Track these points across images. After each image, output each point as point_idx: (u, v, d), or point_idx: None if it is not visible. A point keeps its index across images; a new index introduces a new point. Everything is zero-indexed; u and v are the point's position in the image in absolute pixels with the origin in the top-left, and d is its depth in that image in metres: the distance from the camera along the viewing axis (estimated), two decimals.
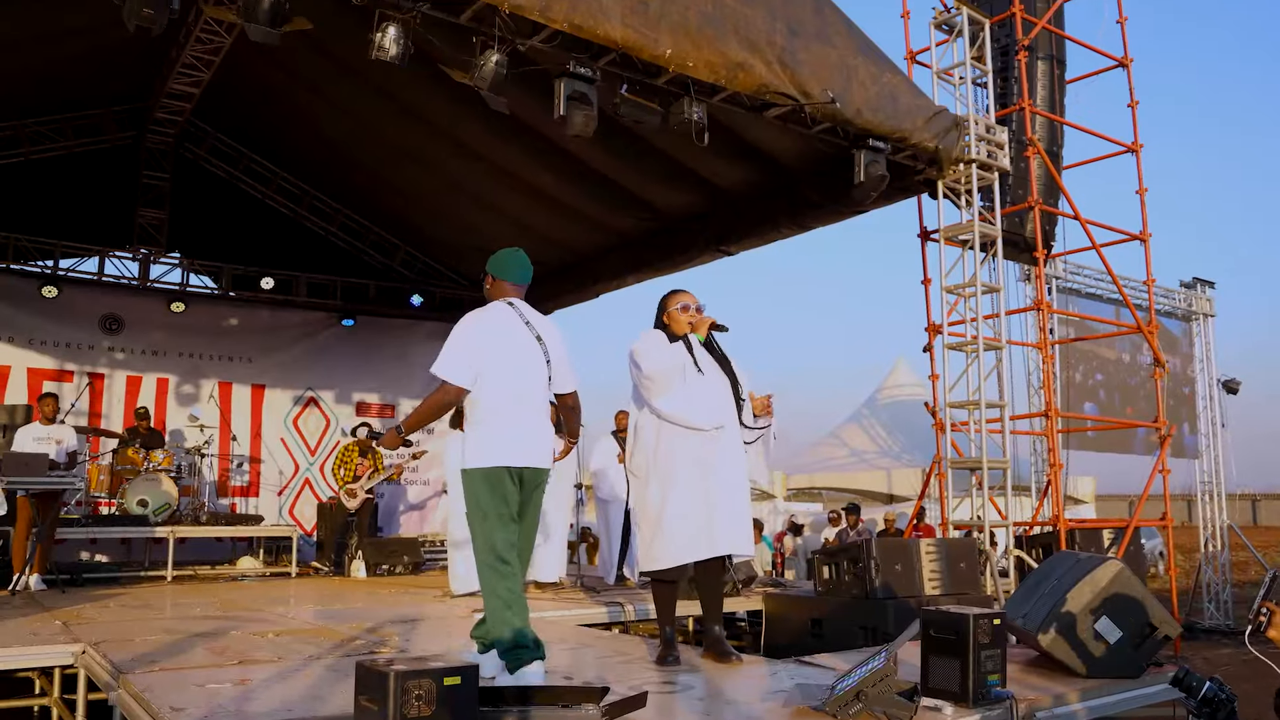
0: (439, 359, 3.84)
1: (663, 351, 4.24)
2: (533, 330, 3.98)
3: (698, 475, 4.16)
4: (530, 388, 3.92)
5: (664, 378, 4.18)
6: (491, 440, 3.81)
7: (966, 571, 7.01)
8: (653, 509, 4.22)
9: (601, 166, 10.22)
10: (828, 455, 18.68)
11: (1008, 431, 8.17)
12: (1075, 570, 3.86)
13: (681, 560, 4.13)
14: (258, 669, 4.01)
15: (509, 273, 4.08)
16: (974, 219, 8.09)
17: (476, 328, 3.90)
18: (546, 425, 4.00)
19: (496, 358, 3.84)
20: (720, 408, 4.24)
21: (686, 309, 4.38)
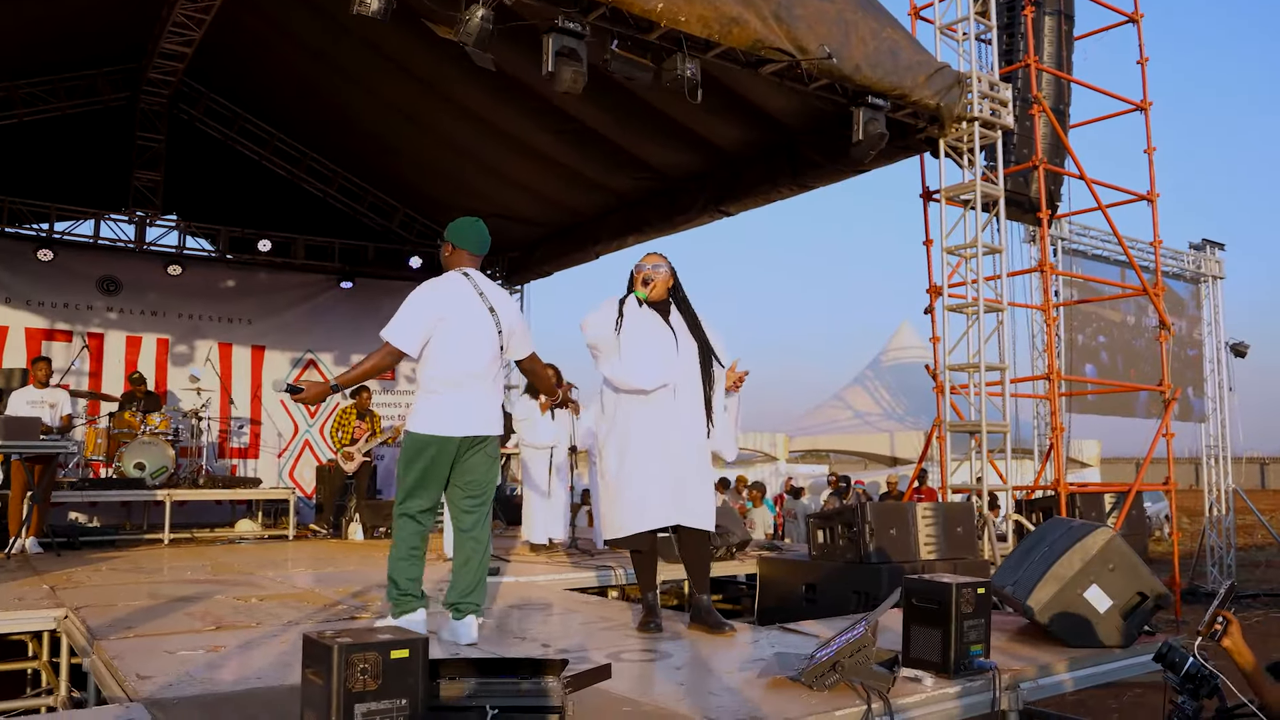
0: (390, 323, 3.90)
1: (601, 317, 4.15)
2: (485, 301, 4.00)
3: (650, 442, 4.06)
4: (479, 357, 3.97)
5: (602, 343, 4.10)
6: (433, 409, 3.91)
7: (963, 536, 6.94)
8: (609, 476, 4.15)
9: (599, 125, 10.06)
10: (831, 417, 18.61)
11: (1008, 394, 8.06)
12: (1066, 537, 3.78)
13: (631, 530, 4.04)
14: (233, 635, 3.97)
15: (467, 242, 4.10)
16: (976, 178, 7.92)
17: (429, 296, 3.95)
18: (493, 394, 4.05)
19: (446, 327, 3.89)
20: (667, 367, 4.10)
21: (641, 269, 4.26)
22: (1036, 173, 8.91)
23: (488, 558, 4.07)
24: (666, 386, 4.11)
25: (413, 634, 2.18)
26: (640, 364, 4.07)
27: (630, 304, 4.18)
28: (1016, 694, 3.14)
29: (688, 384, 4.16)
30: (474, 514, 4.02)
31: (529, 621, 4.39)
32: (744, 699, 2.86)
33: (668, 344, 4.16)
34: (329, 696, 1.99)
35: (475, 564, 3.98)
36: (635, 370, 4.07)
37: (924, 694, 2.93)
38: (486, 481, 4.03)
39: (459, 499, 4.02)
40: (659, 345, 4.14)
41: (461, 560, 4.02)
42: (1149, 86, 9.85)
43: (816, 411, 19.54)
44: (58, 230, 11.81)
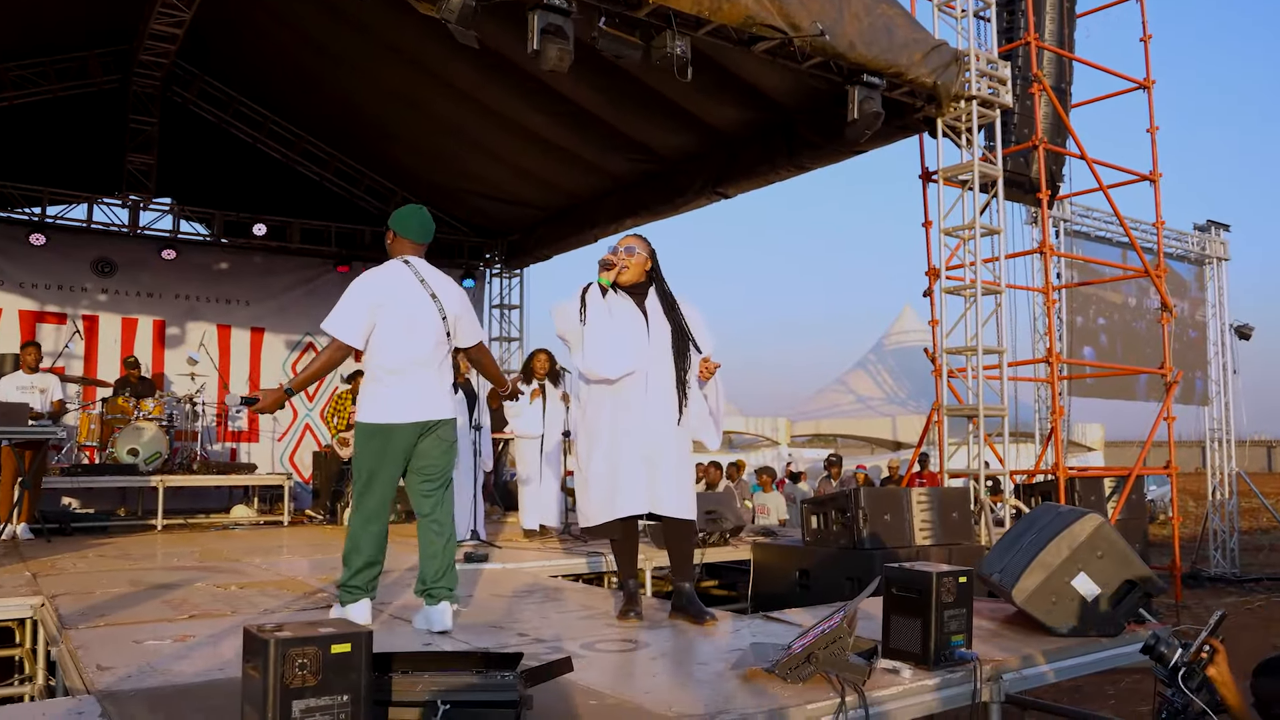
0: (329, 316, 3.91)
1: (568, 307, 4.06)
2: (427, 288, 3.99)
3: (621, 430, 3.96)
4: (422, 344, 3.95)
5: (570, 333, 4.03)
6: (380, 398, 3.93)
7: (959, 521, 6.85)
8: (582, 464, 4.07)
9: (593, 107, 9.94)
10: (834, 402, 18.52)
11: (1006, 378, 7.94)
12: (1054, 524, 3.68)
13: (602, 519, 3.95)
14: (206, 624, 3.90)
15: (409, 230, 4.09)
16: (974, 159, 7.79)
17: (366, 285, 3.94)
18: (440, 380, 4.03)
19: (387, 317, 3.89)
20: (636, 355, 3.99)
21: (613, 252, 4.15)
22: (1037, 153, 8.76)
23: (454, 541, 4.07)
24: (635, 374, 4.00)
25: (357, 627, 2.09)
26: (603, 353, 3.96)
27: (593, 292, 4.07)
28: (999, 685, 3.05)
29: (659, 370, 4.05)
30: (432, 498, 4.02)
31: (509, 610, 4.32)
32: (714, 691, 2.77)
33: (637, 330, 4.05)
34: (265, 692, 1.91)
35: (441, 548, 3.96)
36: (599, 359, 3.96)
37: (901, 686, 2.84)
38: (442, 466, 4.02)
39: (416, 484, 4.01)
40: (627, 332, 4.03)
41: (426, 546, 4.00)
42: (1152, 64, 9.70)
43: (819, 396, 19.46)
44: (50, 214, 11.72)
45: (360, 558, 3.94)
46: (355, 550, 3.96)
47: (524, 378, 8.13)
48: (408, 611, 4.23)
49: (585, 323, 3.97)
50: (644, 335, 4.05)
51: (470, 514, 7.48)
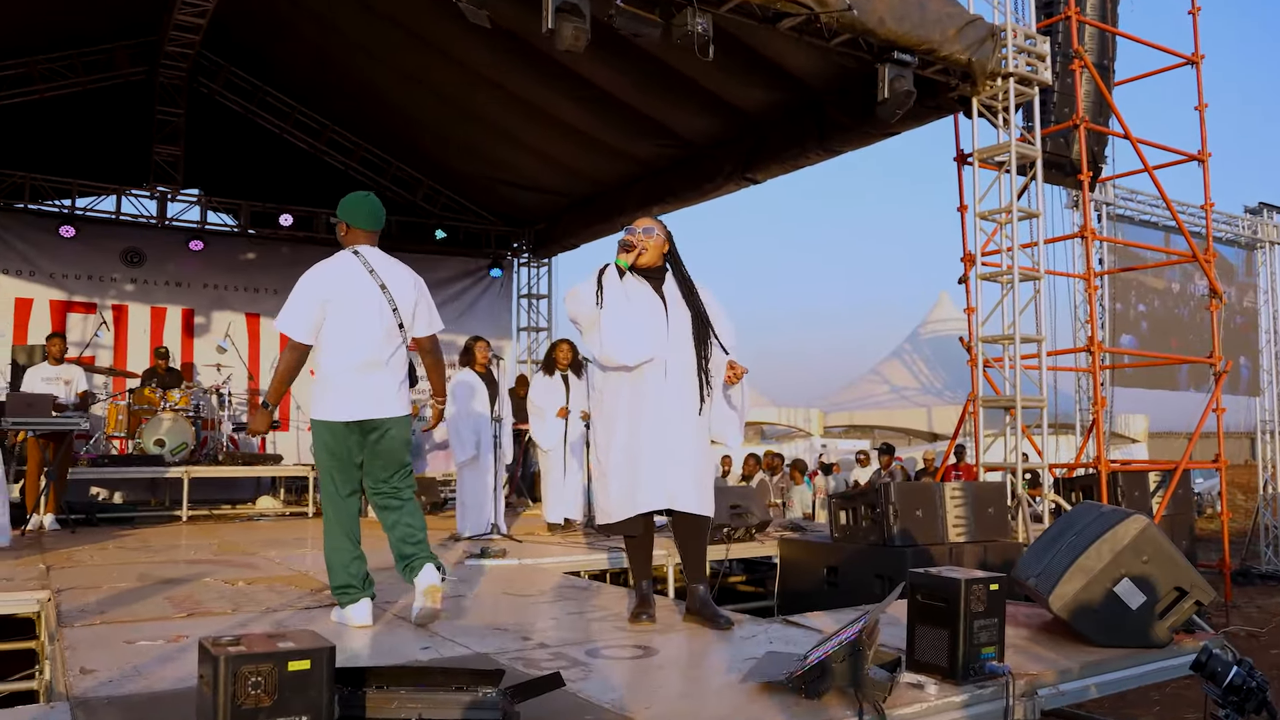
0: (280, 313, 3.86)
1: (583, 290, 3.84)
2: (376, 278, 3.89)
3: (639, 422, 3.75)
4: (370, 338, 3.85)
5: (584, 318, 3.81)
6: (327, 395, 3.85)
7: (995, 517, 6.59)
8: (601, 456, 3.86)
9: (618, 90, 9.75)
10: (868, 392, 18.21)
11: (1045, 367, 7.64)
12: (1096, 525, 3.43)
13: (620, 515, 3.75)
14: (203, 623, 3.77)
15: (358, 219, 4.00)
16: (1011, 139, 7.48)
17: (312, 280, 3.86)
18: (389, 375, 3.92)
19: (334, 310, 3.81)
20: (655, 341, 3.78)
21: (631, 233, 3.94)
22: (1078, 132, 8.43)
23: (419, 515, 3.99)
24: (654, 361, 3.78)
25: (318, 643, 1.92)
26: (621, 338, 3.74)
27: (610, 274, 3.86)
28: (1033, 702, 2.82)
29: (679, 358, 3.83)
30: (384, 489, 3.95)
31: (517, 610, 4.15)
32: (721, 708, 2.58)
33: (656, 315, 3.84)
34: (215, 712, 1.74)
35: (405, 522, 3.91)
36: (616, 345, 3.74)
37: (925, 703, 2.62)
38: (396, 461, 3.95)
39: (376, 484, 3.96)
40: (645, 317, 3.81)
41: (386, 520, 3.96)
42: (1200, 38, 9.28)
43: (853, 386, 19.14)
44: (80, 206, 11.75)
45: (339, 555, 3.85)
46: (333, 550, 3.87)
47: (545, 369, 7.95)
48: (411, 612, 4.07)
49: (602, 306, 3.76)
50: (663, 321, 3.83)
51: (490, 507, 7.33)
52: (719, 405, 3.90)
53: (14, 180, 11.16)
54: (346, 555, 3.83)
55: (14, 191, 11.23)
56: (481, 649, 3.29)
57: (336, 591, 3.85)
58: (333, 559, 3.85)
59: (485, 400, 7.47)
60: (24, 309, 11.28)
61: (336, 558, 3.84)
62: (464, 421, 7.52)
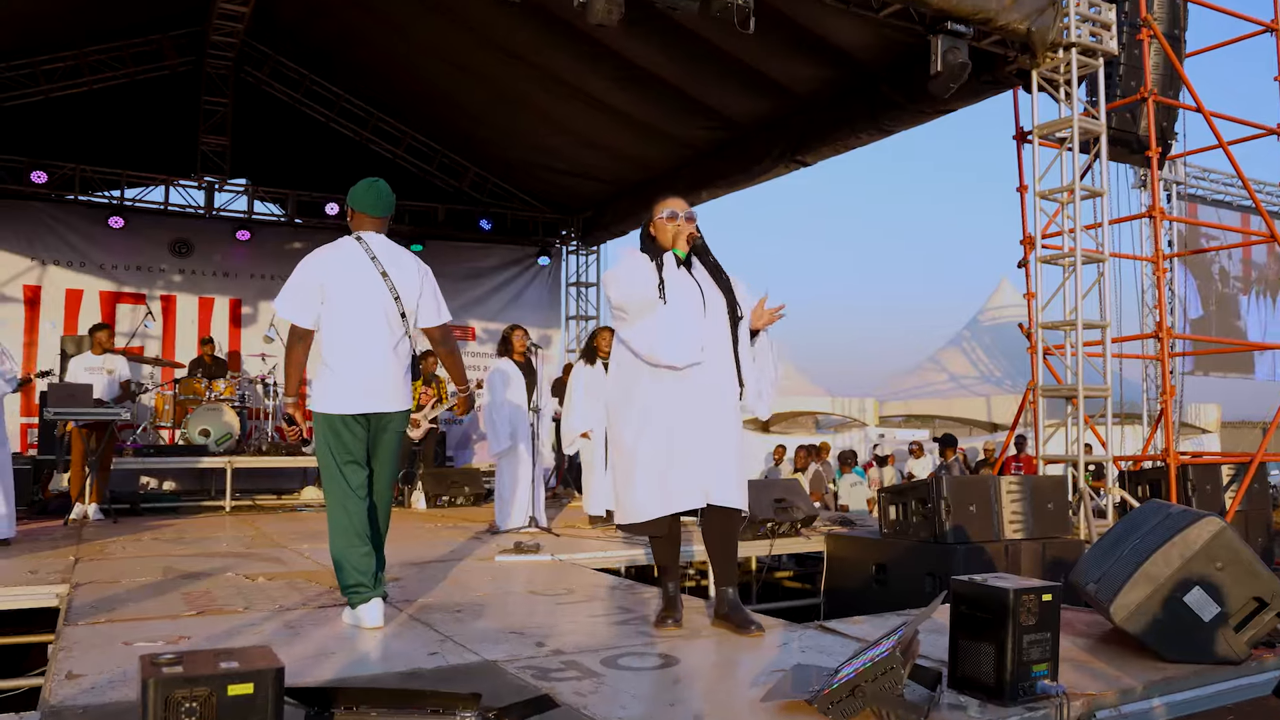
0: (278, 298, 3.78)
1: (635, 276, 3.56)
2: (378, 265, 3.76)
3: (676, 414, 3.50)
4: (371, 327, 3.74)
5: (635, 308, 3.52)
6: (329, 386, 3.74)
7: (1055, 513, 6.22)
8: (626, 452, 3.59)
9: (663, 72, 9.51)
10: (925, 381, 17.72)
11: (1109, 355, 7.22)
12: (1164, 527, 3.11)
13: (654, 514, 3.50)
14: (210, 623, 3.62)
15: (364, 204, 3.87)
16: (1074, 113, 7.06)
17: (311, 265, 3.76)
18: (392, 366, 3.79)
19: (333, 297, 3.71)
20: (700, 339, 3.54)
21: (674, 217, 3.69)
22: (1145, 106, 7.95)
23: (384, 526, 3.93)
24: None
25: (265, 664, 1.71)
26: (678, 338, 3.49)
27: (670, 263, 3.61)
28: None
29: (717, 348, 3.59)
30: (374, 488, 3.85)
31: (538, 611, 3.94)
32: None
33: (696, 306, 3.59)
34: None
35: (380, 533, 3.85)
36: (671, 345, 3.48)
37: None
38: (391, 458, 3.87)
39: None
40: (690, 311, 3.57)
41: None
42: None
43: (910, 375, 18.65)
44: (128, 197, 11.83)
45: (349, 554, 3.69)
46: (342, 548, 3.72)
47: (586, 357, 7.73)
48: (427, 613, 3.89)
49: (665, 300, 3.50)
50: (701, 309, 3.59)
51: (529, 500, 7.15)
52: (748, 373, 3.64)
53: (64, 172, 11.26)
54: (355, 553, 3.68)
55: (65, 183, 11.33)
56: (492, 655, 3.09)
57: (347, 591, 3.69)
58: (341, 557, 3.70)
59: (522, 390, 7.28)
60: (74, 300, 11.40)
61: (346, 556, 3.69)
62: (499, 412, 7.34)
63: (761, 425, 17.93)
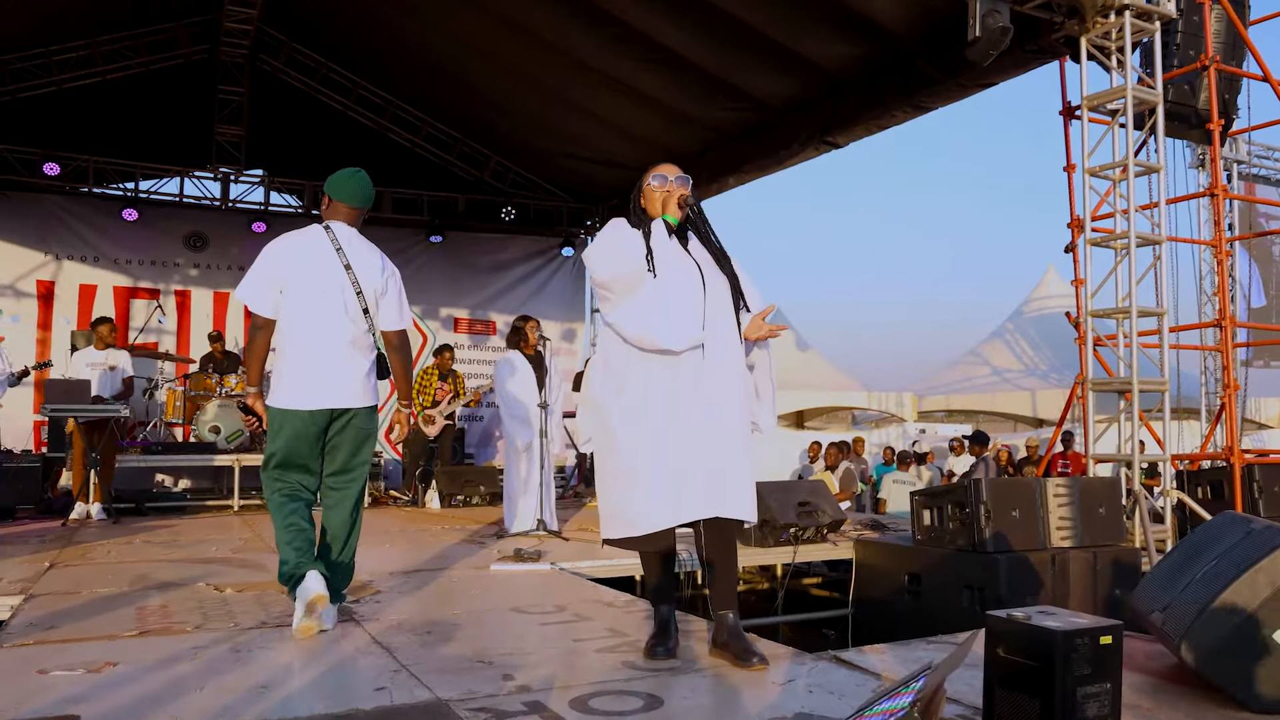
0: (239, 285, 3.68)
1: (618, 246, 3.11)
2: (343, 257, 3.64)
3: (676, 412, 3.04)
4: (331, 320, 3.60)
5: (621, 284, 3.06)
6: (285, 380, 3.61)
7: (1107, 518, 5.68)
8: (619, 456, 3.12)
9: (689, 52, 9.05)
10: (967, 374, 17.07)
11: (1167, 345, 6.64)
12: (1247, 546, 2.60)
13: (653, 527, 3.05)
14: (148, 646, 3.24)
15: (342, 194, 3.76)
16: (1127, 82, 6.48)
17: (273, 252, 3.65)
18: (351, 361, 3.65)
19: (292, 286, 3.59)
20: (698, 318, 3.08)
21: (664, 182, 3.23)
22: (1205, 76, 7.34)
23: (355, 537, 3.76)
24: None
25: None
26: (671, 317, 3.04)
27: (659, 232, 3.16)
28: None
29: (719, 335, 3.12)
30: (338, 492, 3.71)
31: (516, 634, 3.50)
32: None
33: (693, 282, 3.13)
34: None
35: (339, 541, 3.68)
36: (665, 325, 3.02)
37: None
38: (354, 460, 3.70)
39: (327, 474, 3.70)
40: (686, 286, 3.11)
41: (326, 537, 3.71)
42: None
43: (950, 368, 18.01)
44: (143, 189, 11.59)
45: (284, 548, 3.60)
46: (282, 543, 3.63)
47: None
48: (393, 634, 3.47)
49: (655, 274, 3.06)
50: (699, 286, 3.13)
51: (537, 502, 6.73)
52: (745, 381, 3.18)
53: (78, 164, 11.04)
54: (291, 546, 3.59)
55: (78, 175, 11.11)
56: (447, 693, 2.66)
57: (284, 580, 3.59)
58: (281, 553, 3.62)
59: (531, 384, 6.86)
60: (88, 295, 11.19)
61: (282, 548, 3.61)
62: (515, 408, 6.93)
63: (796, 421, 17.41)
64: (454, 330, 13.10)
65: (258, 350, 3.70)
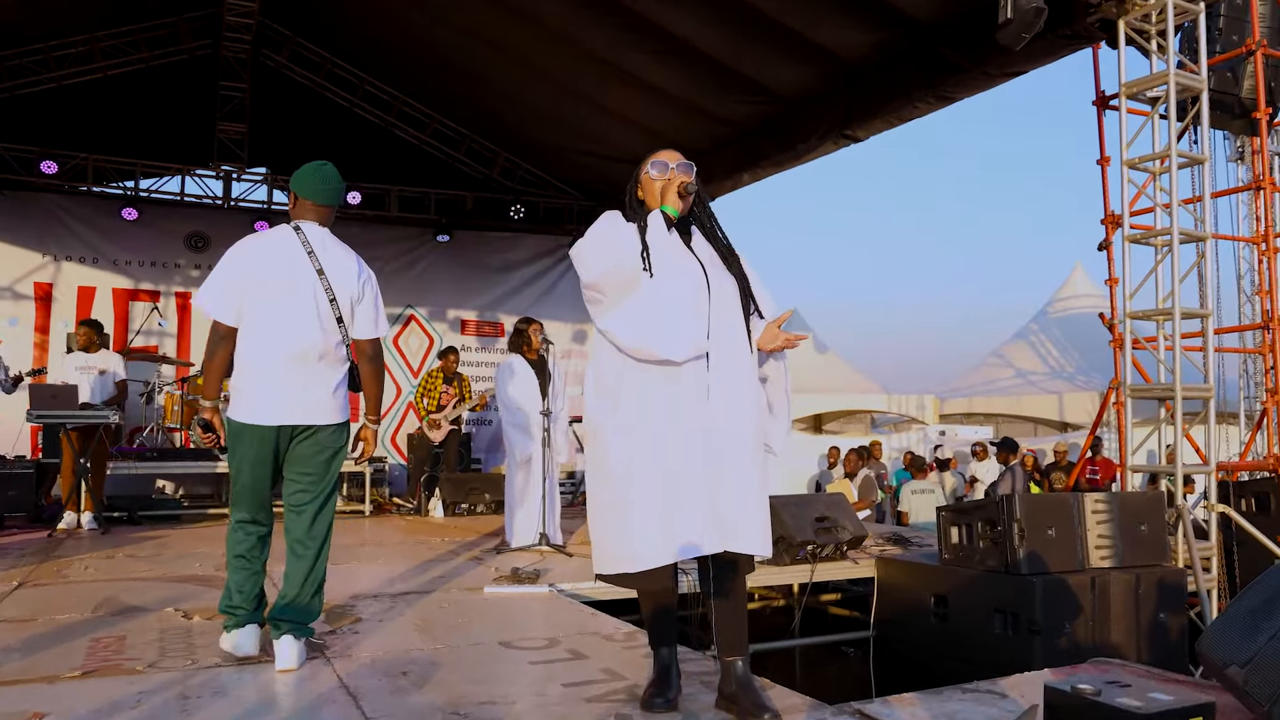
0: (200, 289, 3.42)
1: (610, 241, 2.74)
2: (315, 260, 3.37)
3: (677, 431, 2.68)
4: (299, 329, 3.31)
5: (614, 286, 2.69)
6: (244, 391, 3.33)
7: (1150, 536, 5.28)
8: (610, 483, 2.76)
9: (703, 43, 8.69)
10: (990, 377, 16.63)
11: (1211, 349, 6.21)
12: None
13: (650, 563, 2.69)
14: (89, 690, 2.90)
15: (307, 190, 3.49)
16: (1169, 67, 6.06)
17: (239, 254, 3.40)
18: (318, 373, 3.35)
19: (256, 292, 3.31)
20: (702, 324, 2.71)
21: (664, 170, 2.88)
22: (1250, 62, 6.91)
23: (322, 566, 3.39)
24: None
25: None
26: (671, 324, 2.66)
27: (656, 224, 2.79)
28: None
29: (726, 343, 2.74)
30: (302, 514, 3.37)
31: (498, 674, 3.14)
32: None
33: (696, 283, 2.76)
34: None
35: (302, 570, 3.32)
36: (665, 334, 2.66)
37: None
38: (318, 476, 3.37)
39: (287, 496, 3.40)
40: (688, 287, 2.74)
41: (289, 563, 3.37)
42: None
43: (973, 371, 17.56)
44: (143, 188, 11.32)
45: (232, 573, 3.39)
46: (230, 568, 3.41)
47: None
48: (364, 676, 3.12)
49: (651, 273, 2.69)
50: (703, 287, 2.76)
51: (539, 515, 6.38)
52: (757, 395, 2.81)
53: (76, 162, 10.77)
54: (240, 574, 3.38)
55: (77, 173, 10.85)
56: None
57: (224, 609, 3.41)
58: (229, 580, 3.40)
59: (534, 390, 6.51)
60: (86, 297, 10.93)
61: (231, 579, 3.39)
62: (516, 415, 6.59)
63: (814, 425, 17.00)
64: (461, 332, 12.78)
65: (218, 362, 3.39)
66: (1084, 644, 4.75)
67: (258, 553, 3.42)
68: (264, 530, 3.43)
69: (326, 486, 3.40)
